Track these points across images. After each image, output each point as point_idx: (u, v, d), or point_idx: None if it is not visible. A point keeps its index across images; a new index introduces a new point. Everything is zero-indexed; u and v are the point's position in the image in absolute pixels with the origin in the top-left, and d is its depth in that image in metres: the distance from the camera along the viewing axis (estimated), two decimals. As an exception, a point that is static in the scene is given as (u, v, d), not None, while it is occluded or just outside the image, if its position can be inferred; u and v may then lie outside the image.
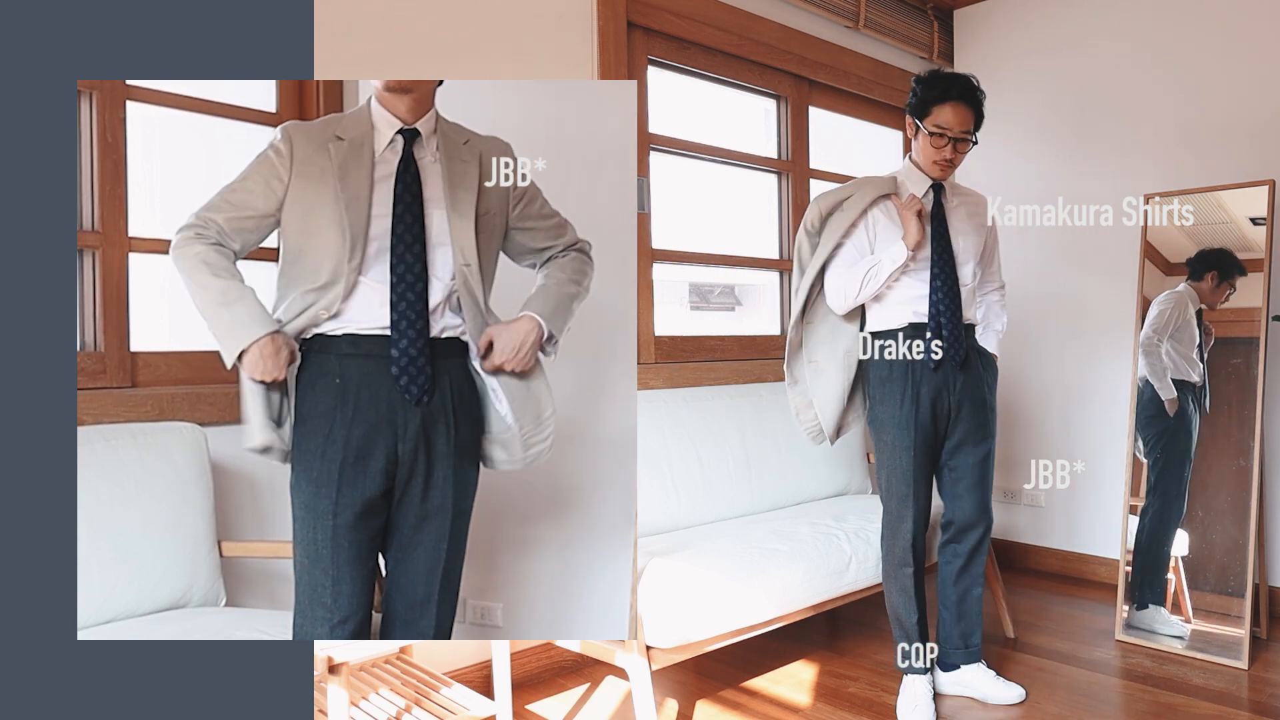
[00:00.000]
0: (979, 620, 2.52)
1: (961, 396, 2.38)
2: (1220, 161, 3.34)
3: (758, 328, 3.66)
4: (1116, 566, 3.48)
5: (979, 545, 2.46)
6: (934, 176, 2.38)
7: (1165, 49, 3.49)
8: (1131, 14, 3.57)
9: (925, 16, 4.01)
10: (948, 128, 2.31)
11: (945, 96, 2.30)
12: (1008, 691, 2.49)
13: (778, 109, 3.60)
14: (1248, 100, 3.30)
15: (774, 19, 3.41)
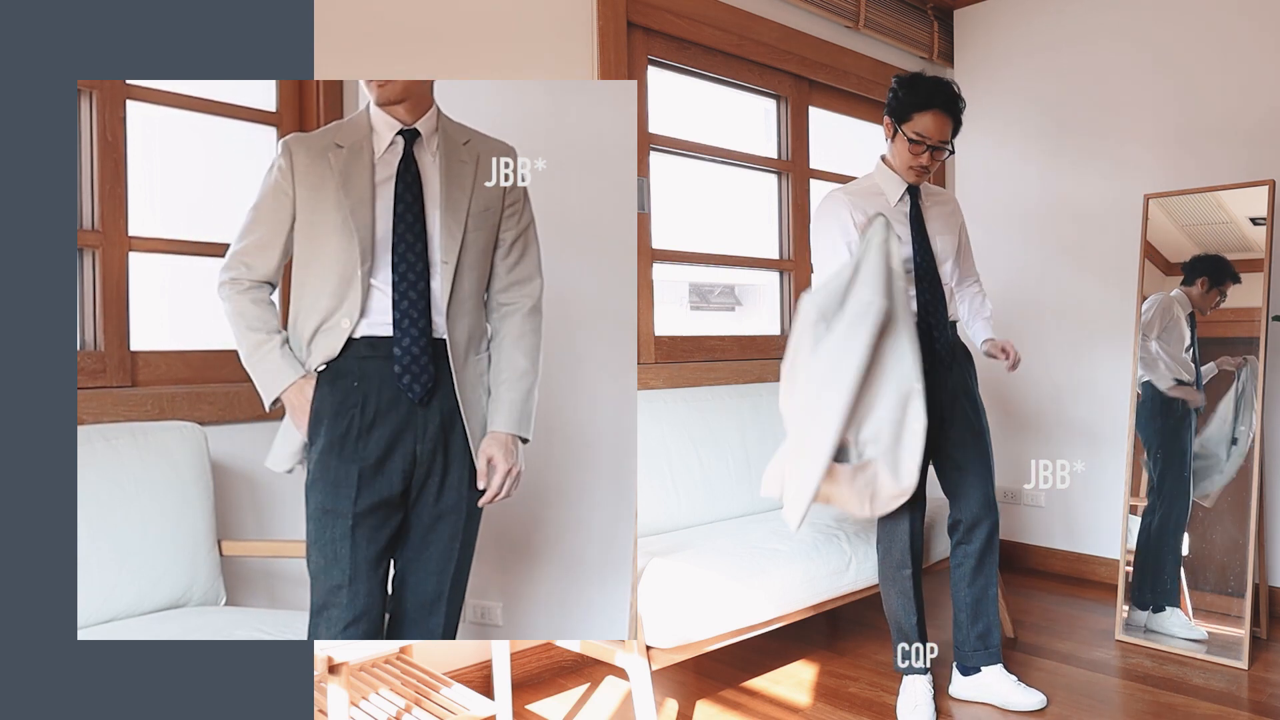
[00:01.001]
0: (997, 619, 2.48)
1: (954, 393, 2.40)
2: (1220, 161, 3.34)
3: (758, 328, 3.66)
4: (1116, 566, 3.48)
5: (989, 542, 2.44)
6: (909, 181, 2.38)
7: (1165, 49, 3.49)
8: (1132, 14, 3.57)
9: (925, 16, 4.01)
10: (927, 136, 2.29)
11: (928, 104, 2.28)
12: (1028, 698, 2.43)
13: (778, 109, 3.60)
14: (1248, 100, 3.30)
15: (774, 19, 3.41)
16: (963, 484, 2.42)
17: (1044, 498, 3.89)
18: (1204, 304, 3.02)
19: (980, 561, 2.44)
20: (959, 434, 2.41)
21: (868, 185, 2.43)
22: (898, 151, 2.36)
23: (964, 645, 2.49)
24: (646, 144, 3.03)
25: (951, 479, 2.44)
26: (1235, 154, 3.31)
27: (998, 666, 2.47)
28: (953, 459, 2.42)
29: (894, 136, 2.35)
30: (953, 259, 2.46)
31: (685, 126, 3.23)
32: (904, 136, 2.31)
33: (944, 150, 2.32)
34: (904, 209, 2.39)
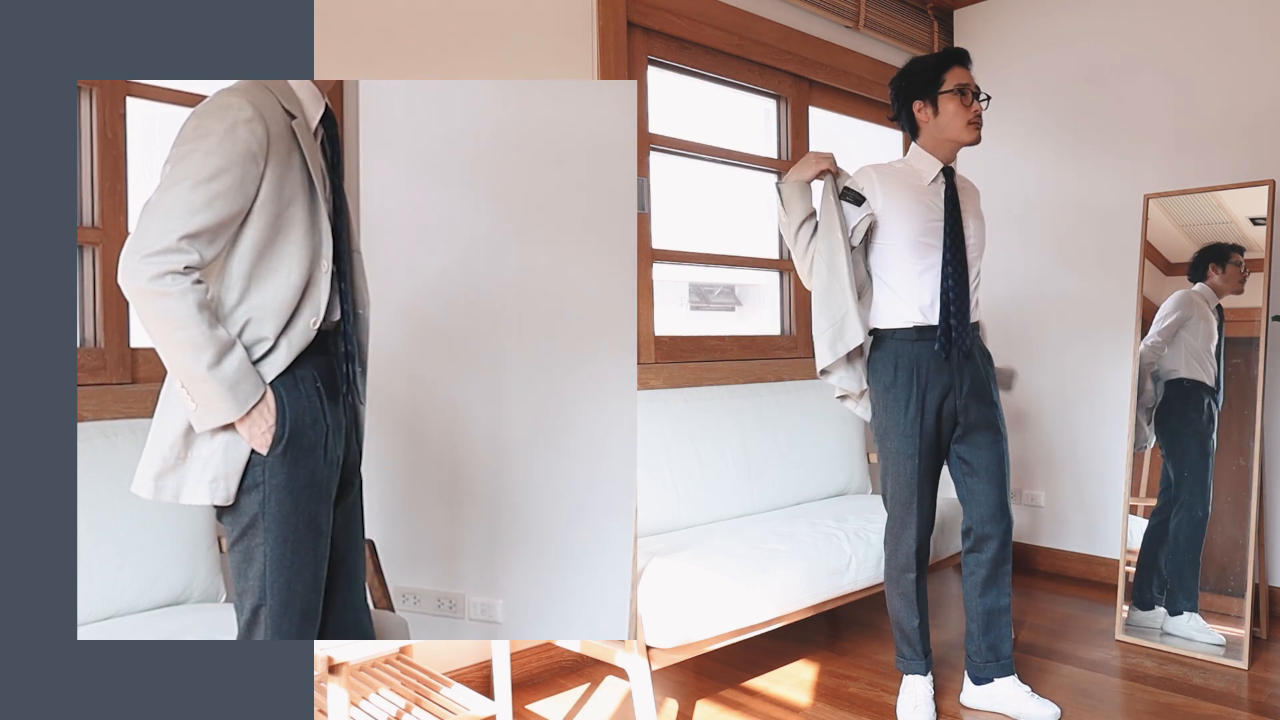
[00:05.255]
0: (1008, 630, 2.43)
1: (971, 394, 2.33)
2: (1220, 161, 3.34)
3: (758, 328, 3.67)
4: (1116, 566, 3.48)
5: (1001, 552, 2.38)
6: (968, 140, 2.34)
7: (1165, 49, 3.49)
8: (1131, 14, 3.57)
9: (925, 16, 4.01)
10: (967, 84, 2.32)
11: (949, 62, 2.34)
12: (1043, 710, 2.36)
13: (778, 109, 3.60)
14: (1247, 100, 3.30)
15: (774, 19, 3.41)
16: (976, 488, 2.37)
17: (1044, 498, 3.89)
18: (1228, 286, 2.99)
19: (993, 572, 2.38)
20: (974, 435, 2.35)
21: (901, 166, 2.40)
22: (947, 118, 2.33)
23: (976, 655, 2.44)
24: (646, 144, 3.03)
25: (965, 483, 2.39)
26: (1235, 154, 3.31)
27: (1011, 678, 2.42)
28: (967, 462, 2.37)
29: (934, 110, 2.34)
30: (978, 249, 2.41)
31: (685, 126, 3.24)
32: (947, 97, 2.32)
33: (984, 98, 2.36)
34: (939, 188, 2.36)
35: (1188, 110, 3.43)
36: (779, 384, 3.32)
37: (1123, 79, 3.60)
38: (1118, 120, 3.62)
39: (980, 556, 2.39)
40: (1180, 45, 3.45)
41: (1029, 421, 3.90)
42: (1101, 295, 3.66)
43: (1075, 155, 3.75)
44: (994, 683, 2.43)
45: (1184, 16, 3.44)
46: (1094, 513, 3.73)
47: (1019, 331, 3.89)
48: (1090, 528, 3.75)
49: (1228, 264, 2.99)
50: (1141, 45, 3.55)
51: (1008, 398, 3.89)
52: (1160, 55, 3.50)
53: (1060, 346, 3.81)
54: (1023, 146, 3.88)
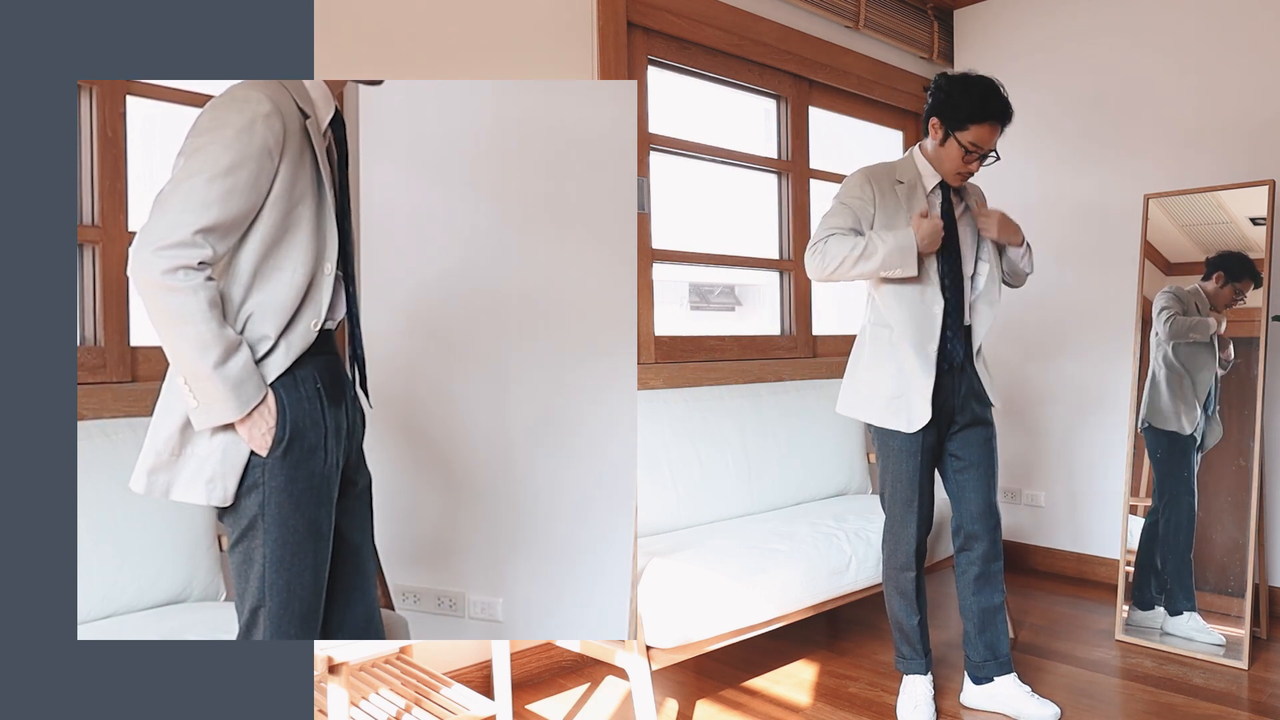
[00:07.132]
0: (1005, 629, 2.44)
1: (966, 397, 2.37)
2: (1220, 161, 3.34)
3: (758, 328, 3.66)
4: (1116, 566, 3.48)
5: (991, 550, 2.39)
6: (952, 184, 2.34)
7: (1165, 49, 3.49)
8: (1131, 14, 3.57)
9: (925, 16, 4.01)
10: (981, 146, 2.25)
11: (984, 116, 2.22)
12: (1043, 710, 2.37)
13: (778, 109, 3.60)
14: (1247, 100, 3.30)
15: (774, 19, 3.41)
16: (966, 484, 2.39)
17: (1044, 498, 3.89)
18: (1218, 300, 3.00)
19: (985, 569, 2.40)
20: (968, 431, 2.38)
21: (902, 167, 2.37)
22: (947, 156, 2.30)
23: (974, 655, 2.44)
24: (646, 144, 3.03)
25: (955, 479, 2.41)
26: (1235, 154, 3.31)
27: (1010, 676, 2.42)
28: (959, 456, 2.39)
29: (943, 140, 2.29)
30: (986, 259, 2.39)
31: (685, 126, 3.24)
32: (956, 143, 2.26)
33: (991, 156, 2.29)
34: (935, 199, 2.35)
35: (1188, 110, 3.43)
36: (779, 384, 3.32)
37: (1123, 79, 3.60)
38: (1118, 120, 3.62)
39: (971, 555, 2.41)
40: (1179, 45, 3.45)
41: (1029, 421, 3.90)
42: (1102, 295, 3.66)
43: (1075, 155, 3.75)
44: (994, 682, 2.43)
45: (1184, 17, 3.44)
46: (1094, 513, 3.73)
47: (1019, 331, 3.89)
48: (1090, 528, 3.75)
49: (1230, 283, 2.99)
50: (1140, 45, 3.55)
51: (1006, 396, 3.89)
52: (1160, 55, 3.50)
53: (1060, 346, 3.81)
54: (1022, 145, 3.88)
